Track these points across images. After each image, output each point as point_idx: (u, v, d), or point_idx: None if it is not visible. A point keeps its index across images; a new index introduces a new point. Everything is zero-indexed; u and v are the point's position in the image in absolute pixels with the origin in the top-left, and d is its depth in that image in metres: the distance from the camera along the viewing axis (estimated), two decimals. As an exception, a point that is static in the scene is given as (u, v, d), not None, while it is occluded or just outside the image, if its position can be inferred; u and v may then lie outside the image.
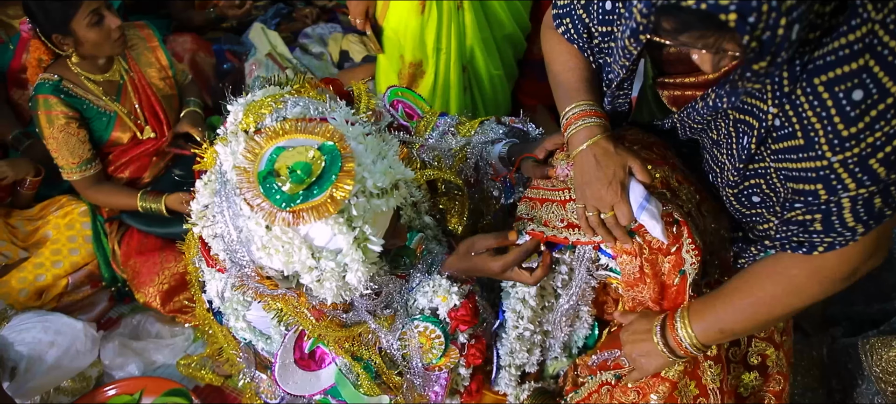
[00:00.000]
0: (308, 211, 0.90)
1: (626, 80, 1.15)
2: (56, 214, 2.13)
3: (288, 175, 0.90)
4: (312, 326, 1.19)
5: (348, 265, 0.98)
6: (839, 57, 0.82)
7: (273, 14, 3.09)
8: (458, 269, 1.32)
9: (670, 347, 1.15)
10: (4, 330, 1.76)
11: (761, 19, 0.74)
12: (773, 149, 0.98)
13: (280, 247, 0.95)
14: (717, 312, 1.09)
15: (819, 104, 0.86)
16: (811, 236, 0.99)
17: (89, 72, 1.98)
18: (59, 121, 1.92)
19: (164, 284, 2.01)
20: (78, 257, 2.06)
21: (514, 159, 1.43)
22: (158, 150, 2.17)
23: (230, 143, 1.00)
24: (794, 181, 0.96)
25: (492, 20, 2.06)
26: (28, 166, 2.08)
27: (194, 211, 1.12)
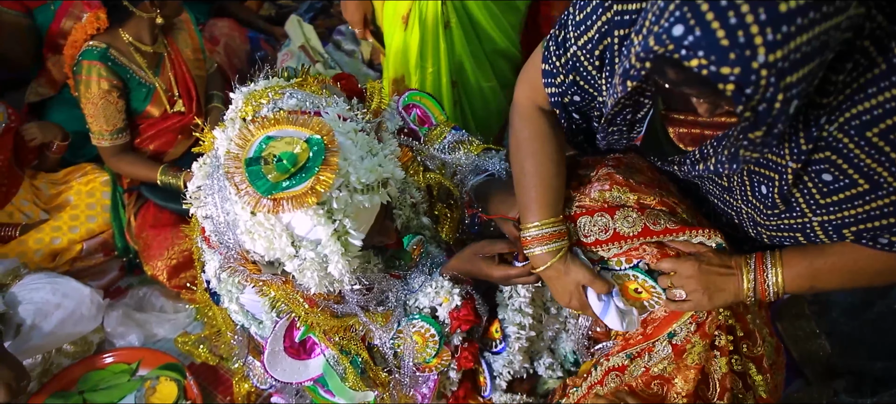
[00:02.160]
0: (288, 199, 0.93)
1: (617, 116, 1.13)
2: (79, 181, 2.20)
3: (274, 163, 0.93)
4: (305, 313, 1.21)
5: (328, 256, 1.00)
6: (887, 110, 0.85)
7: (307, 8, 3.14)
8: (461, 270, 1.34)
9: (750, 287, 1.13)
10: (15, 287, 1.82)
11: (758, 92, 0.75)
12: (822, 204, 0.98)
13: (263, 233, 0.98)
14: (814, 267, 1.08)
15: (877, 152, 0.88)
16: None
17: (141, 41, 2.05)
18: (103, 88, 1.99)
19: (172, 260, 2.05)
20: (94, 225, 2.12)
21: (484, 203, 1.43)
22: (184, 127, 2.22)
23: (227, 129, 1.03)
24: (868, 221, 0.97)
25: (482, 36, 2.04)
26: (56, 129, 2.15)
27: (190, 190, 1.15)
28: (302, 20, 2.87)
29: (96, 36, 2.03)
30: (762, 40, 0.71)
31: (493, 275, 1.31)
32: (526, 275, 1.29)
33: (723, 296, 1.14)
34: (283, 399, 1.71)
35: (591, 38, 1.08)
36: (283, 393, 1.68)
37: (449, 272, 1.37)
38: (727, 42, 0.72)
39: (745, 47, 0.72)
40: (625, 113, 1.13)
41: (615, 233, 1.19)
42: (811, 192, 0.98)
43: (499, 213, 1.35)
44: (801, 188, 0.99)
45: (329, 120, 1.02)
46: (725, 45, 0.73)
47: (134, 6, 1.99)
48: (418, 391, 1.44)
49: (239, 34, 2.83)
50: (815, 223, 1.01)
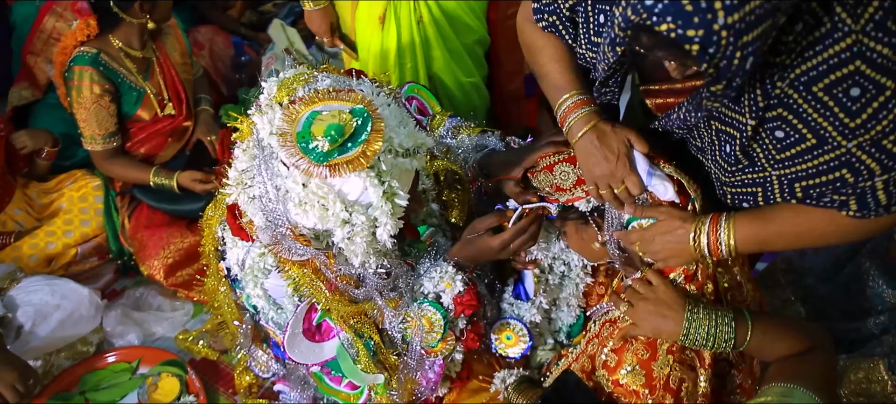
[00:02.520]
0: (343, 164, 1.01)
1: (610, 78, 1.21)
2: (70, 187, 2.22)
3: (324, 134, 1.00)
4: (325, 299, 1.27)
5: (378, 219, 1.08)
6: (831, 65, 0.92)
7: (287, 12, 3.19)
8: (463, 255, 1.40)
9: (705, 245, 1.18)
10: (14, 290, 1.84)
11: (719, 51, 0.84)
12: (778, 159, 1.06)
13: (316, 203, 1.05)
14: (765, 227, 1.14)
15: (822, 106, 0.96)
16: (848, 208, 1.05)
17: (130, 46, 2.09)
18: (95, 92, 2.02)
19: (168, 258, 2.08)
20: (88, 229, 2.14)
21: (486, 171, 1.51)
22: (174, 130, 2.26)
23: (266, 114, 1.10)
24: (816, 177, 1.04)
25: (458, 28, 2.09)
26: (46, 136, 2.17)
27: (231, 177, 1.20)
28: (284, 24, 2.92)
29: (87, 42, 2.06)
30: (721, 5, 0.81)
31: (491, 246, 1.37)
32: (521, 232, 1.35)
33: (677, 259, 1.22)
34: (287, 386, 1.75)
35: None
36: (288, 380, 1.72)
37: (453, 257, 1.43)
38: (691, 8, 0.82)
39: (707, 12, 0.81)
40: (615, 76, 1.22)
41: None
42: (768, 148, 1.07)
43: (500, 176, 1.42)
44: (760, 143, 1.08)
45: (365, 93, 1.10)
46: (690, 11, 0.82)
47: (124, 12, 2.02)
48: (425, 375, 1.49)
49: (222, 39, 2.87)
50: (774, 177, 1.09)
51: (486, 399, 1.57)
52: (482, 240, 1.37)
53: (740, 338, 1.16)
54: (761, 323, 1.17)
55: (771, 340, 1.16)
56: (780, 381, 1.09)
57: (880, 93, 0.91)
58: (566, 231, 1.45)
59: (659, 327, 1.20)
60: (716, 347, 1.17)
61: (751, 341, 1.16)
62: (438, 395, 1.59)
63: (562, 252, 1.55)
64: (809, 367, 1.11)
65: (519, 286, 1.59)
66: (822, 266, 2.09)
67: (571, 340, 1.61)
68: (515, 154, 1.48)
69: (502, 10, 2.13)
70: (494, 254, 1.39)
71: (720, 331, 1.16)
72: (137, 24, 2.07)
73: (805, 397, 1.04)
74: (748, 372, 1.32)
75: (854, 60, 0.91)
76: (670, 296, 1.19)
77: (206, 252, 1.58)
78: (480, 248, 1.38)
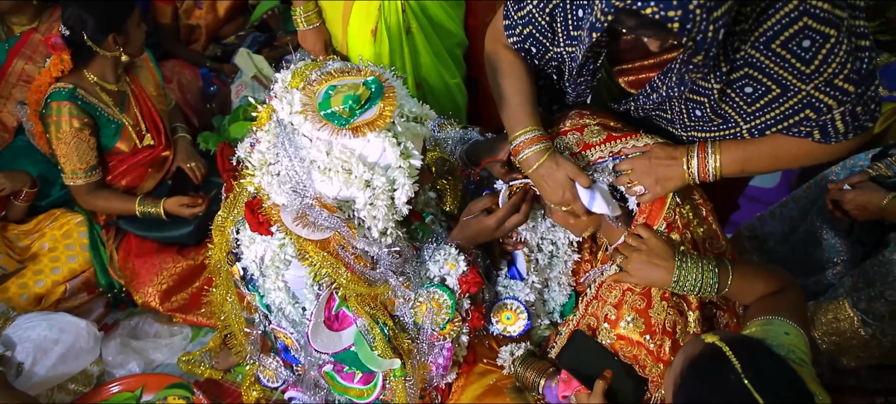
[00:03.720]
0: (364, 125, 1.11)
1: (585, 65, 1.36)
2: (51, 227, 2.20)
3: (342, 103, 1.11)
4: (345, 279, 1.33)
5: (397, 180, 1.17)
6: (784, 24, 1.09)
7: (251, 42, 3.24)
8: (462, 237, 1.50)
9: (696, 168, 1.32)
10: (9, 329, 1.81)
11: (695, 26, 0.99)
12: (749, 112, 1.22)
13: (339, 167, 1.14)
14: (746, 149, 1.29)
15: (781, 59, 1.12)
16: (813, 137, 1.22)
17: (105, 80, 2.11)
18: (74, 126, 2.02)
19: (162, 284, 2.09)
20: (75, 264, 2.12)
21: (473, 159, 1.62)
22: (154, 160, 2.27)
23: (283, 99, 1.18)
24: (785, 120, 1.20)
25: (441, 33, 2.22)
26: (25, 177, 2.15)
27: (255, 161, 1.27)
28: (250, 53, 2.97)
29: (61, 78, 2.07)
30: None
31: (488, 225, 1.47)
32: (514, 209, 1.46)
33: (672, 182, 1.34)
34: (299, 392, 1.78)
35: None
36: (300, 385, 1.75)
37: (453, 240, 1.52)
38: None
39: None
40: (589, 64, 1.35)
41: (585, 143, 1.42)
42: (739, 105, 1.22)
43: (486, 160, 1.54)
44: (730, 102, 1.23)
45: (373, 69, 1.20)
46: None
47: (98, 46, 2.04)
48: (435, 361, 1.56)
49: (190, 72, 2.90)
50: (744, 130, 1.26)
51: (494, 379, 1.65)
52: (478, 220, 1.48)
53: (723, 283, 1.28)
54: (740, 268, 1.30)
55: (749, 283, 1.29)
56: (760, 316, 1.22)
57: (826, 41, 1.08)
58: (551, 207, 1.54)
59: (652, 276, 1.30)
60: (702, 292, 1.29)
61: (732, 285, 1.28)
62: (448, 381, 1.67)
63: (548, 231, 1.65)
64: (783, 303, 1.24)
65: (512, 268, 1.69)
66: (780, 230, 2.28)
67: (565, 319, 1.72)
68: (498, 140, 1.59)
69: (480, 17, 2.28)
70: (491, 232, 1.49)
71: (706, 277, 1.28)
72: (111, 57, 2.09)
73: (783, 325, 1.17)
74: (732, 313, 1.45)
75: (802, 17, 1.07)
76: (661, 247, 1.31)
77: (213, 261, 1.61)
78: (478, 229, 1.48)
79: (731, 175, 1.33)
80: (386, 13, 2.06)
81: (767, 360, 1.02)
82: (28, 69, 2.41)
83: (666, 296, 1.36)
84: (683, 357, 1.08)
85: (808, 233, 2.15)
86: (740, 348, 1.01)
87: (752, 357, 0.99)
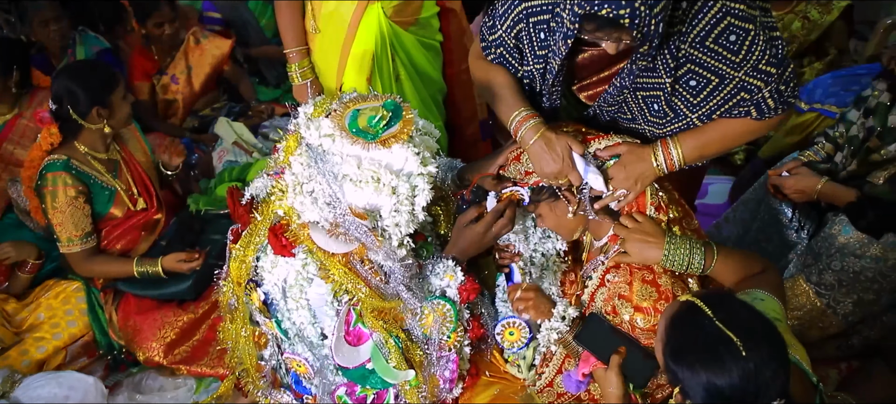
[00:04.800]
0: (391, 137, 1.32)
1: (557, 75, 1.57)
2: (47, 296, 2.24)
3: (368, 122, 1.32)
4: (364, 293, 1.47)
5: (417, 186, 1.35)
6: (712, 24, 1.35)
7: (227, 111, 3.40)
8: (456, 250, 1.63)
9: (663, 161, 1.51)
10: (18, 390, 1.83)
11: (642, 21, 1.24)
12: (695, 103, 1.45)
13: (369, 178, 1.32)
14: (699, 139, 1.51)
15: (715, 54, 1.37)
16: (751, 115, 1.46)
17: (95, 150, 2.21)
18: (69, 195, 2.10)
19: (166, 337, 2.14)
20: (75, 329, 2.16)
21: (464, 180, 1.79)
22: (147, 224, 2.35)
23: (310, 126, 1.37)
24: (726, 103, 1.43)
25: (425, 80, 2.43)
26: (30, 248, 2.20)
27: (289, 182, 1.41)
28: (229, 120, 3.13)
29: (54, 151, 2.16)
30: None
31: (477, 231, 1.61)
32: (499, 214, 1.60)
33: (647, 177, 1.53)
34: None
35: (509, 23, 1.57)
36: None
37: (448, 253, 1.64)
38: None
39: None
40: (557, 78, 1.57)
41: None
42: (686, 97, 1.46)
43: (476, 177, 1.70)
44: (679, 97, 1.47)
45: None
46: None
47: (82, 119, 2.14)
48: (441, 372, 1.67)
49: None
50: (695, 117, 1.49)
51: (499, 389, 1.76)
52: (468, 229, 1.61)
53: (708, 262, 1.44)
54: (723, 251, 1.46)
55: (732, 264, 1.45)
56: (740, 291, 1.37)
57: (748, 34, 1.34)
58: (540, 213, 1.67)
59: (646, 253, 1.46)
60: (689, 269, 1.45)
61: (715, 264, 1.44)
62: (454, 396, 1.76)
63: (540, 242, 1.79)
64: (763, 280, 1.40)
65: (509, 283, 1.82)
66: (736, 232, 2.51)
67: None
68: (486, 158, 1.76)
69: (457, 65, 2.52)
70: (481, 239, 1.61)
71: (693, 255, 1.44)
72: (97, 129, 2.18)
73: (759, 293, 1.33)
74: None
75: (726, 17, 1.34)
76: (653, 227, 1.48)
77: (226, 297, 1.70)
78: (469, 238, 1.62)
79: (692, 161, 1.54)
80: (379, 62, 2.27)
81: (735, 304, 1.17)
82: (18, 153, 2.49)
83: (667, 271, 1.50)
84: (665, 317, 1.22)
85: (759, 231, 2.38)
86: (710, 297, 1.16)
87: (720, 303, 1.14)
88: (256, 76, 3.78)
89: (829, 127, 2.14)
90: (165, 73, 3.28)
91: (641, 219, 1.51)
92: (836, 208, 1.97)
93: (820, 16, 3.12)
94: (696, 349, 1.12)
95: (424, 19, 2.36)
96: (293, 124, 1.43)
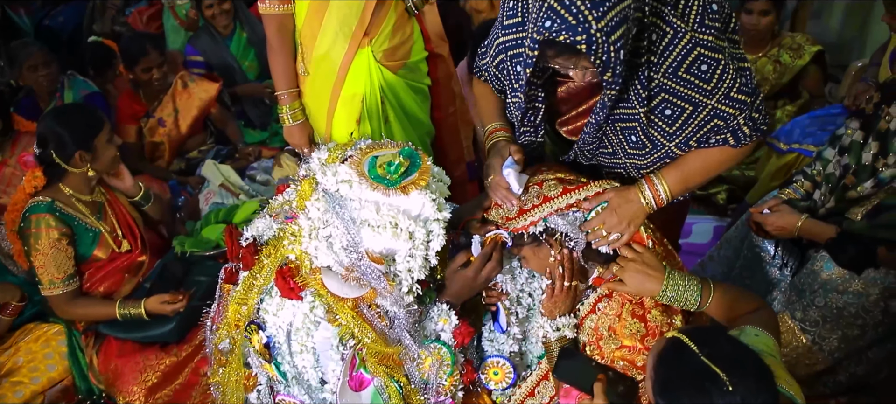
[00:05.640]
0: (411, 184, 1.34)
1: (525, 117, 1.63)
2: (27, 340, 2.19)
3: (386, 169, 1.35)
4: (370, 338, 1.46)
5: (432, 231, 1.38)
6: (683, 54, 1.39)
7: (214, 154, 3.41)
8: (449, 295, 1.63)
9: (651, 198, 1.55)
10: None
11: (599, 47, 1.27)
12: (671, 132, 1.49)
13: (387, 223, 1.33)
14: (682, 171, 1.55)
15: (688, 83, 1.42)
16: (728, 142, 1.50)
17: (80, 193, 2.20)
18: (52, 237, 2.08)
19: (148, 381, 2.09)
20: (55, 373, 2.11)
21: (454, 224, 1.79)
22: (130, 266, 2.33)
23: (325, 174, 1.40)
24: (700, 130, 1.48)
25: (414, 122, 2.46)
26: (14, 290, 2.17)
27: (304, 226, 1.42)
28: (216, 163, 3.14)
29: (38, 193, 2.15)
30: (592, 16, 1.22)
31: (467, 275, 1.62)
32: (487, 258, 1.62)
33: (639, 217, 1.56)
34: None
35: (493, 54, 1.64)
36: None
37: (443, 299, 1.63)
38: (574, 21, 1.23)
39: (584, 22, 1.23)
40: (529, 113, 1.62)
41: (544, 197, 1.60)
42: (662, 127, 1.49)
43: (465, 220, 1.72)
44: (655, 127, 1.50)
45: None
46: (574, 23, 1.23)
47: (65, 163, 2.14)
48: None
49: (158, 185, 3.01)
50: (673, 146, 1.52)
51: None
52: (458, 274, 1.62)
53: (704, 299, 1.46)
54: (720, 288, 1.48)
55: (728, 301, 1.47)
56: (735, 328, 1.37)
57: (718, 64, 1.38)
58: (524, 256, 1.69)
59: (645, 285, 1.47)
60: (685, 304, 1.46)
61: (712, 301, 1.46)
62: (448, 439, 1.73)
63: (526, 283, 1.78)
64: (757, 318, 1.40)
65: (495, 323, 1.83)
66: (720, 271, 2.54)
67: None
68: (475, 201, 1.79)
69: (444, 109, 2.57)
70: (472, 282, 1.62)
71: (690, 291, 1.45)
72: (80, 173, 2.17)
73: (754, 330, 1.33)
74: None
75: (695, 48, 1.39)
76: (653, 260, 1.49)
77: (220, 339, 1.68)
78: (460, 282, 1.63)
79: (678, 193, 1.58)
80: (368, 104, 2.30)
81: (721, 339, 1.18)
82: (3, 200, 2.48)
83: (657, 304, 1.52)
84: (652, 354, 1.23)
85: (743, 268, 2.41)
86: (696, 333, 1.17)
87: (706, 338, 1.15)
88: (242, 118, 3.81)
89: (807, 165, 2.19)
90: (153, 115, 3.30)
91: (642, 251, 1.52)
92: (818, 244, 2.00)
93: (791, 60, 3.24)
94: (682, 385, 1.13)
95: (413, 63, 2.40)
96: (305, 169, 1.46)
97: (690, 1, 1.39)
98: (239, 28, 3.82)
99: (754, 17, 3.18)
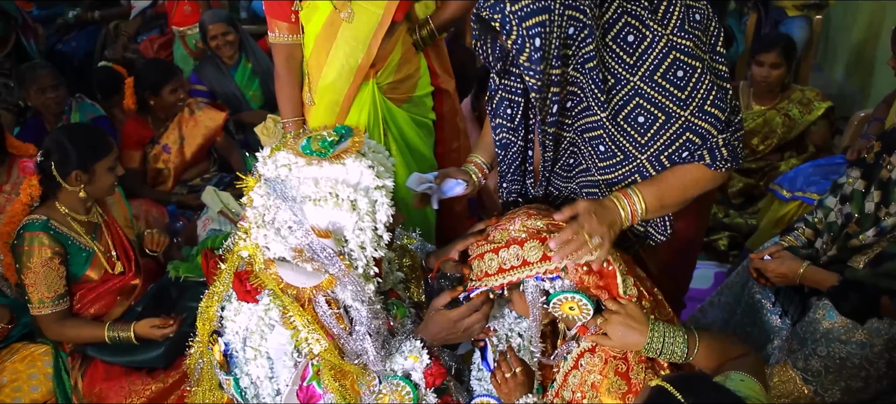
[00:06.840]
0: (343, 152, 1.38)
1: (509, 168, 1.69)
2: (13, 360, 2.16)
3: (320, 144, 1.39)
4: (322, 348, 1.42)
5: (378, 200, 1.39)
6: (660, 58, 1.39)
7: (217, 181, 3.41)
8: (429, 335, 1.56)
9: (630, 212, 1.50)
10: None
11: (511, 29, 1.31)
12: (643, 143, 1.47)
13: (327, 194, 1.35)
14: (659, 185, 1.50)
15: (662, 89, 1.41)
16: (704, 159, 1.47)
17: (76, 212, 2.19)
18: (45, 256, 2.06)
19: (132, 405, 2.04)
20: (37, 395, 2.07)
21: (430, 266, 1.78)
22: (122, 288, 2.30)
23: (267, 162, 1.42)
24: (672, 143, 1.45)
25: (416, 156, 2.46)
26: (3, 311, 2.14)
27: (251, 217, 1.43)
28: (217, 190, 3.14)
29: (35, 210, 2.15)
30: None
31: (450, 318, 1.53)
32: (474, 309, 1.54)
33: (617, 223, 1.48)
34: None
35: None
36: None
37: (420, 335, 1.57)
38: (494, 1, 1.32)
39: (501, 2, 1.31)
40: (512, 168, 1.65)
41: (524, 260, 1.48)
42: (633, 136, 1.46)
43: (440, 260, 1.68)
44: (626, 137, 1.47)
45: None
46: (493, 2, 1.32)
47: (62, 179, 2.13)
48: None
49: (156, 210, 3.01)
50: (643, 159, 1.48)
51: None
52: (441, 314, 1.54)
53: (690, 349, 1.41)
54: (706, 337, 1.43)
55: (716, 350, 1.42)
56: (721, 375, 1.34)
57: (694, 71, 1.38)
58: (511, 299, 1.61)
59: (628, 338, 1.42)
60: (670, 357, 1.42)
61: (698, 353, 1.41)
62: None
63: (516, 322, 1.75)
64: (743, 364, 1.36)
65: (484, 361, 1.79)
66: (720, 317, 2.50)
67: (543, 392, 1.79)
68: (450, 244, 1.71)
69: (448, 144, 2.59)
70: (452, 327, 1.54)
71: (675, 343, 1.41)
72: (72, 192, 2.16)
73: (739, 375, 1.28)
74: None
75: (672, 51, 1.39)
76: (637, 312, 1.44)
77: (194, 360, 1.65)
78: (440, 323, 1.54)
79: (654, 210, 1.52)
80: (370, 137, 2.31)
81: (706, 387, 1.14)
82: (0, 228, 2.46)
83: (641, 359, 1.46)
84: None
85: (744, 314, 2.37)
86: (680, 381, 1.13)
87: (690, 386, 1.11)
88: (246, 148, 3.83)
89: (808, 213, 2.17)
90: (158, 142, 3.31)
91: (625, 302, 1.48)
92: (820, 292, 1.97)
93: (801, 115, 3.25)
94: None
95: (418, 97, 2.42)
96: (254, 169, 1.47)
97: (671, 6, 1.40)
98: (244, 58, 3.87)
99: (765, 69, 3.20)
